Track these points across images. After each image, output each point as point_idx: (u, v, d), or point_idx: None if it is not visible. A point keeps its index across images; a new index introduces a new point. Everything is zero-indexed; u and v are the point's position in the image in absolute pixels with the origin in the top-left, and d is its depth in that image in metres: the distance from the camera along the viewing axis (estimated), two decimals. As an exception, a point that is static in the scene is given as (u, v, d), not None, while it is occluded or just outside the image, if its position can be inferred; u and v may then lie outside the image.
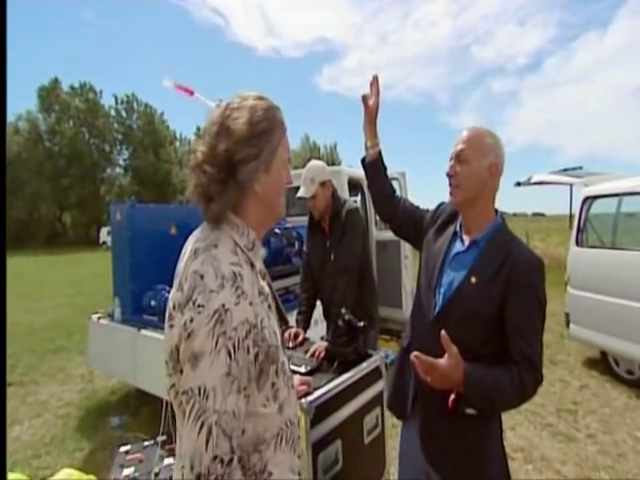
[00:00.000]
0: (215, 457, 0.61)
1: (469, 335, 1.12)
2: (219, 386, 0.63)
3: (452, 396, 1.08)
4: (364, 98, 1.37)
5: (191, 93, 2.73)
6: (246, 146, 0.75)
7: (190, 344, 0.64)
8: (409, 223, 1.47)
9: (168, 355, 0.70)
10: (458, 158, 1.18)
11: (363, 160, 1.50)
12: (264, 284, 0.83)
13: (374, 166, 1.48)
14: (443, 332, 1.03)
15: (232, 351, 0.64)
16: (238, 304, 0.66)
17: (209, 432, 0.62)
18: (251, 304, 0.69)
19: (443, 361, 1.03)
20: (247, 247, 0.78)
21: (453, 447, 1.18)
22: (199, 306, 0.65)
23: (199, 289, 0.66)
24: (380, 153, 1.47)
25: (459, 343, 1.05)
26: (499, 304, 1.08)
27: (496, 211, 1.22)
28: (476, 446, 1.17)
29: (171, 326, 0.69)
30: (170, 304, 0.71)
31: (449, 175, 1.21)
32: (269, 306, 0.80)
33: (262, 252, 0.84)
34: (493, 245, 1.15)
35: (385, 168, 1.50)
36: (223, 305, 0.65)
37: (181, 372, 0.66)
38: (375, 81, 1.37)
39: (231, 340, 0.64)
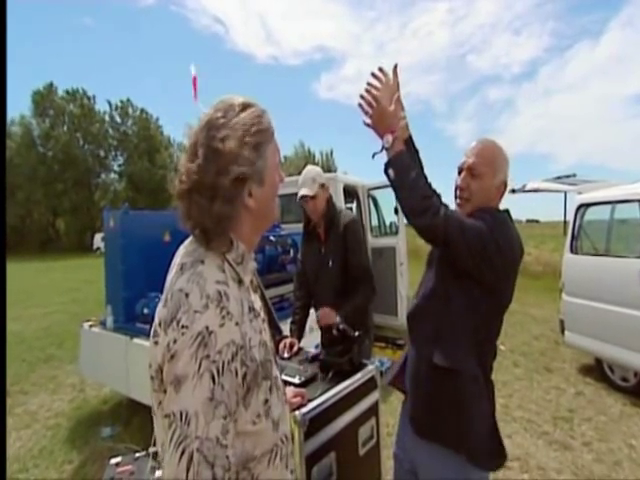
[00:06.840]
0: None
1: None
2: (201, 412, 0.60)
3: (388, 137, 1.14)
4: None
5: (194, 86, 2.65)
6: (237, 166, 0.70)
7: (173, 366, 0.62)
8: None
9: (154, 372, 0.67)
10: (471, 172, 1.16)
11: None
12: (255, 298, 0.81)
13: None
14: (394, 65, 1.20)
15: (216, 375, 0.62)
16: (223, 325, 0.64)
17: (190, 459, 0.59)
18: (237, 324, 0.66)
19: (385, 101, 1.13)
20: (236, 261, 0.75)
21: (436, 399, 1.18)
22: (183, 327, 0.62)
23: (184, 308, 0.64)
24: (410, 135, 1.36)
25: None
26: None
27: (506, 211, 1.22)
28: (458, 400, 1.15)
29: (156, 343, 0.66)
30: (156, 319, 0.68)
31: (460, 188, 1.19)
32: (263, 320, 0.78)
33: (252, 265, 0.80)
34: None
35: (417, 151, 1.39)
36: (207, 327, 0.62)
37: (165, 392, 0.64)
38: (395, 70, 1.27)
39: (215, 364, 0.62)
